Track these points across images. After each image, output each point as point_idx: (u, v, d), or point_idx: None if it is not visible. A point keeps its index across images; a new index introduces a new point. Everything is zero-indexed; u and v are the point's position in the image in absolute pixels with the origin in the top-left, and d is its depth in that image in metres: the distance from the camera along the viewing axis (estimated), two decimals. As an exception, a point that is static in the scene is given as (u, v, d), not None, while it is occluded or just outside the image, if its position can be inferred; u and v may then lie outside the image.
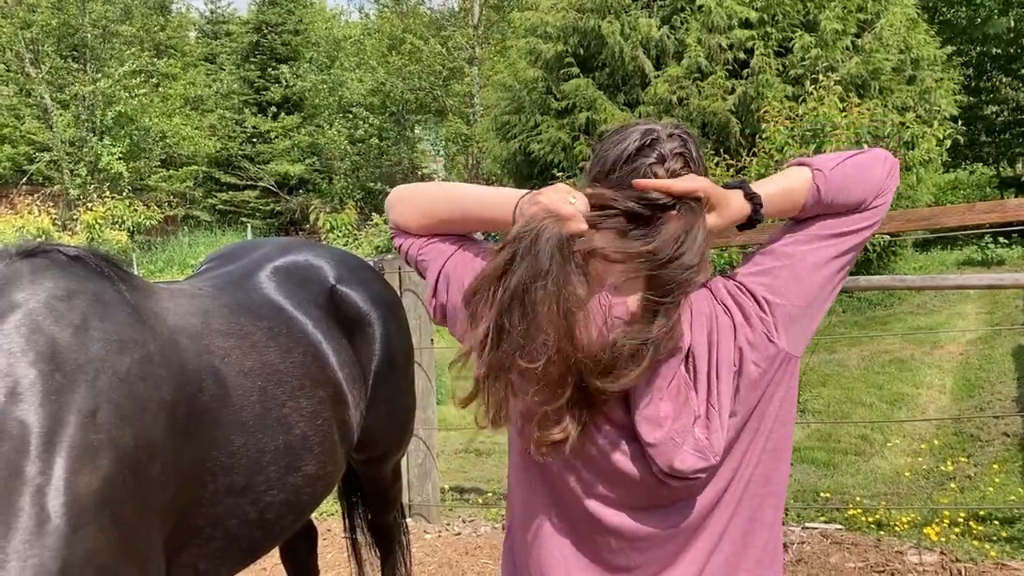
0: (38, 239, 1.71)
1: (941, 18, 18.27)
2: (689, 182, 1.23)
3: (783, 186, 1.29)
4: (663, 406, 1.19)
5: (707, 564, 1.25)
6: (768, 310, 1.25)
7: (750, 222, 1.30)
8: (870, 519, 4.30)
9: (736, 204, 1.27)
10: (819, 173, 1.28)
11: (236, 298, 2.16)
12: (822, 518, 4.42)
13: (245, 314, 2.09)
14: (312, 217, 21.07)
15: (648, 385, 1.20)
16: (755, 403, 1.24)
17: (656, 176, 1.25)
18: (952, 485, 4.80)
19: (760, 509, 1.28)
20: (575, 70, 12.84)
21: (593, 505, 1.25)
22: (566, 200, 1.22)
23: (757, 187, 1.29)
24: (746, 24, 11.88)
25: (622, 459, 1.22)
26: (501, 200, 1.34)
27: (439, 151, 27.21)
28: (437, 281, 1.39)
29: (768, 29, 11.88)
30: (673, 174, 1.25)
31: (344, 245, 16.26)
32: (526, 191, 1.34)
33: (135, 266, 18.19)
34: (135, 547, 1.48)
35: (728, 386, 1.21)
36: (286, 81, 26.97)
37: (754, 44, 11.73)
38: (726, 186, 1.30)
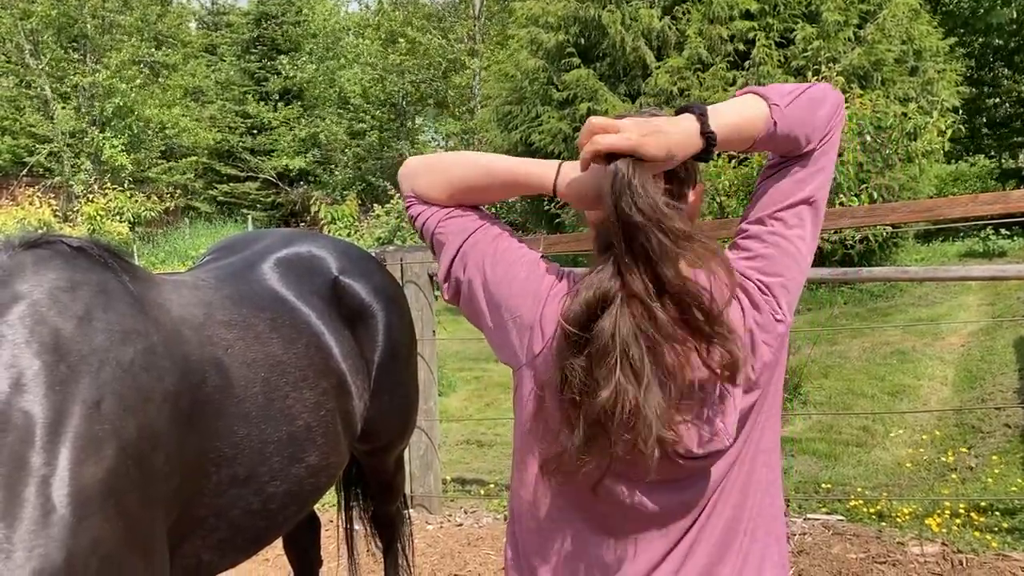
0: (40, 230, 1.71)
1: (944, 9, 18.21)
2: (602, 140, 1.17)
3: (740, 119, 1.25)
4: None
5: (704, 529, 1.27)
6: (768, 290, 1.26)
7: (701, 156, 1.25)
8: (871, 510, 4.31)
9: (681, 133, 1.21)
10: (776, 108, 1.25)
11: (239, 289, 2.16)
12: (824, 509, 4.43)
13: (248, 305, 2.09)
14: (313, 209, 21.06)
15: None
16: (767, 380, 1.27)
17: None
18: (953, 476, 4.81)
19: (752, 472, 1.30)
20: (576, 60, 12.81)
21: (604, 482, 1.26)
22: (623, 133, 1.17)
23: (711, 114, 1.24)
24: (747, 15, 11.84)
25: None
26: (535, 166, 1.34)
27: (440, 143, 27.18)
28: (454, 259, 1.37)
29: (769, 20, 11.84)
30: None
31: (346, 236, 16.24)
32: (559, 162, 1.32)
33: (136, 258, 18.19)
34: (139, 537, 1.49)
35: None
36: (285, 72, 26.92)
37: (755, 35, 11.70)
38: (681, 109, 1.25)
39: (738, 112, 1.26)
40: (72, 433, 1.40)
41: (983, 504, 4.27)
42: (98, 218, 19.19)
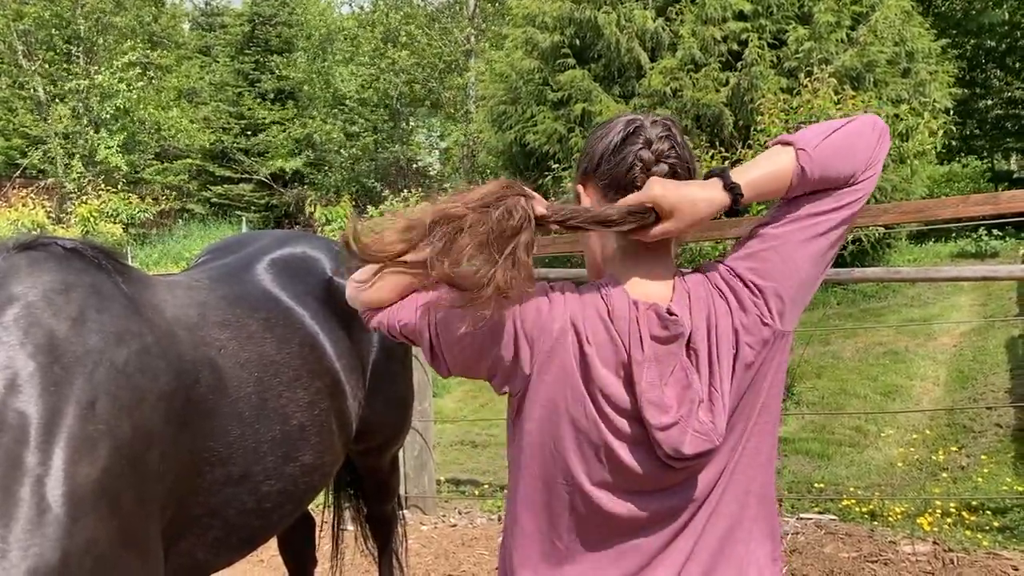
0: (34, 232, 1.73)
1: (936, 10, 18.27)
2: (641, 195, 1.26)
3: (766, 171, 1.27)
4: (667, 391, 1.21)
5: (702, 536, 1.27)
6: (759, 293, 1.26)
7: (732, 212, 1.28)
8: (864, 509, 4.34)
9: (707, 197, 1.26)
10: (803, 153, 1.26)
11: (233, 290, 2.17)
12: (816, 509, 4.45)
13: (242, 306, 2.10)
14: (308, 210, 21.04)
15: (651, 371, 1.21)
16: (750, 383, 1.26)
17: (643, 161, 1.28)
18: (945, 475, 4.84)
19: (752, 481, 1.30)
20: (571, 61, 12.82)
21: (595, 491, 1.27)
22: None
23: (739, 174, 1.27)
24: (740, 16, 11.87)
25: (626, 443, 1.24)
26: None
27: (435, 145, 27.19)
28: (433, 338, 1.31)
29: (762, 21, 11.86)
30: (661, 156, 1.28)
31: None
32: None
33: (130, 259, 18.13)
34: (134, 536, 1.50)
35: (728, 368, 1.23)
36: (279, 71, 26.88)
37: (748, 36, 11.72)
38: (708, 174, 1.29)
39: (762, 167, 1.28)
40: (66, 433, 1.41)
41: (974, 503, 4.30)
42: (92, 219, 19.12)
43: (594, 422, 1.24)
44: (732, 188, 1.26)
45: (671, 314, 1.24)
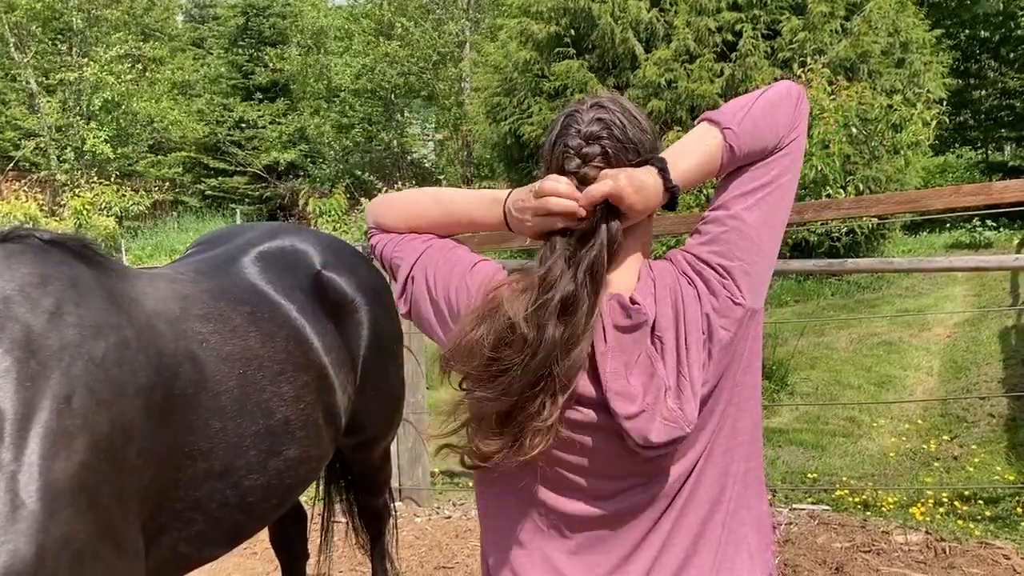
0: (27, 224, 1.71)
1: (930, 0, 18.25)
2: (597, 188, 1.23)
3: (698, 160, 1.29)
4: (632, 380, 1.20)
5: (681, 520, 1.26)
6: (727, 274, 1.26)
7: (667, 207, 1.30)
8: (857, 500, 4.34)
9: (654, 191, 1.26)
10: (729, 132, 1.28)
11: (218, 283, 2.14)
12: (810, 499, 4.45)
13: (226, 299, 2.08)
14: (301, 202, 20.99)
15: (615, 361, 1.20)
16: (727, 365, 1.26)
17: (573, 148, 1.27)
18: (937, 465, 4.85)
19: (731, 463, 1.29)
20: (569, 51, 12.80)
21: (573, 494, 1.26)
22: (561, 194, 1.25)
23: (672, 165, 1.27)
24: (734, 6, 11.84)
25: (596, 436, 1.23)
26: (486, 200, 1.39)
27: (431, 136, 27.11)
28: (408, 276, 1.41)
29: (756, 12, 11.84)
30: (591, 138, 1.26)
31: (333, 230, 16.18)
32: (508, 191, 1.36)
33: (124, 252, 18.08)
34: (112, 531, 1.48)
35: (698, 355, 1.22)
36: (273, 64, 26.78)
37: (742, 27, 11.70)
38: (647, 160, 1.28)
39: (694, 154, 1.30)
40: (42, 428, 1.39)
41: (966, 493, 4.31)
42: (85, 212, 19.01)
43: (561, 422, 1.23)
44: (671, 190, 1.27)
45: (633, 303, 1.23)
